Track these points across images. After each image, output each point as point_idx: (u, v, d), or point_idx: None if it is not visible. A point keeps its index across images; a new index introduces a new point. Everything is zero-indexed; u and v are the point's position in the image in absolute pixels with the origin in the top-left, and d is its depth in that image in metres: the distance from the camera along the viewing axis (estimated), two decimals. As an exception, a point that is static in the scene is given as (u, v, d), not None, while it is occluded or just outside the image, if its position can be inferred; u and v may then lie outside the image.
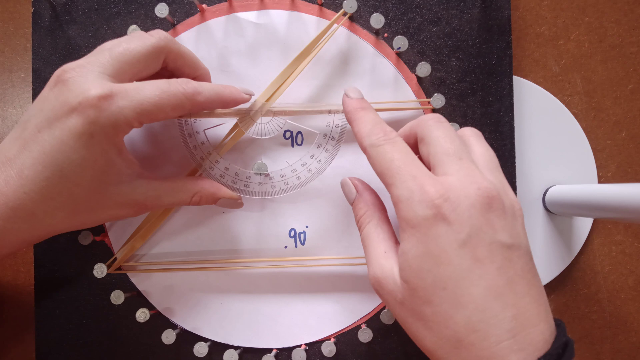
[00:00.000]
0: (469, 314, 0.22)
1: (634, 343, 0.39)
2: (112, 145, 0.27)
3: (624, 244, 0.39)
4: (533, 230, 0.38)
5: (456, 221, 0.23)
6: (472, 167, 0.25)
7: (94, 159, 0.26)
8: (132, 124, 0.27)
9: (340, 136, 0.33)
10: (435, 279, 0.23)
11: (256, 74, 0.36)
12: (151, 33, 0.29)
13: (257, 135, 0.34)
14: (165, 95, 0.27)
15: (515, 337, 0.22)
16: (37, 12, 0.37)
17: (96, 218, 0.29)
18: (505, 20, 0.36)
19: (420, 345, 0.25)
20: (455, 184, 0.24)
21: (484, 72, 0.36)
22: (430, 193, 0.23)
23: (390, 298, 0.25)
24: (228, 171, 0.34)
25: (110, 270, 0.35)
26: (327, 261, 0.35)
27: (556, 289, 0.39)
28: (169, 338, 0.34)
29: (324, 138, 0.34)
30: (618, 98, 0.39)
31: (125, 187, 0.29)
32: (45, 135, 0.26)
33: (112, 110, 0.26)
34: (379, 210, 0.28)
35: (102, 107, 0.25)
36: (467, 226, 0.23)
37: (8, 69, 0.40)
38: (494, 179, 0.26)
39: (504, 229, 0.23)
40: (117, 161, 0.28)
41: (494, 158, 0.27)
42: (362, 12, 0.36)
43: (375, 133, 0.27)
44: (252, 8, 0.36)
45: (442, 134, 0.26)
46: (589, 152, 0.39)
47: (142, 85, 0.27)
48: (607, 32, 0.39)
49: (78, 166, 0.26)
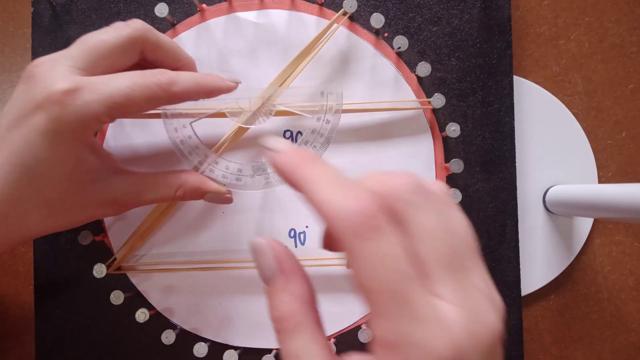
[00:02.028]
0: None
1: (634, 343, 0.39)
2: (80, 141, 0.26)
3: (624, 244, 0.39)
4: (533, 230, 0.38)
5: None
6: (467, 285, 0.17)
7: (61, 157, 0.25)
8: (101, 118, 0.25)
9: (330, 133, 0.33)
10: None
11: (256, 74, 0.36)
12: (127, 23, 0.28)
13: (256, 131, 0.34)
14: (137, 86, 0.25)
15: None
16: (37, 12, 0.37)
17: (74, 219, 0.28)
18: (506, 20, 0.36)
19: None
20: (462, 331, 0.16)
21: (484, 72, 0.36)
22: (436, 350, 0.15)
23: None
24: (218, 165, 0.33)
25: (110, 270, 0.35)
26: (327, 261, 0.35)
27: (556, 289, 0.39)
28: (168, 338, 0.34)
29: (312, 134, 0.33)
30: (618, 98, 0.39)
31: (101, 185, 0.27)
32: (14, 134, 0.25)
33: (78, 105, 0.24)
34: (313, 310, 0.18)
35: (67, 103, 0.24)
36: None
37: (8, 69, 0.40)
38: (484, 286, 0.17)
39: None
40: (89, 158, 0.27)
41: (473, 238, 0.18)
42: (362, 12, 0.36)
43: (354, 213, 0.16)
44: (252, 8, 0.36)
45: (429, 221, 0.17)
46: (589, 152, 0.39)
47: (112, 77, 0.26)
48: (607, 32, 0.39)
49: (46, 166, 0.25)
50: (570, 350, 0.39)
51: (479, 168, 0.36)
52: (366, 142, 0.36)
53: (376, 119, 0.36)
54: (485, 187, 0.36)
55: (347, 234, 0.16)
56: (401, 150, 0.36)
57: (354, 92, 0.36)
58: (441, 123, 0.36)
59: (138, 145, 0.36)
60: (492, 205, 0.36)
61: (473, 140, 0.36)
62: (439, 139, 0.36)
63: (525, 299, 0.38)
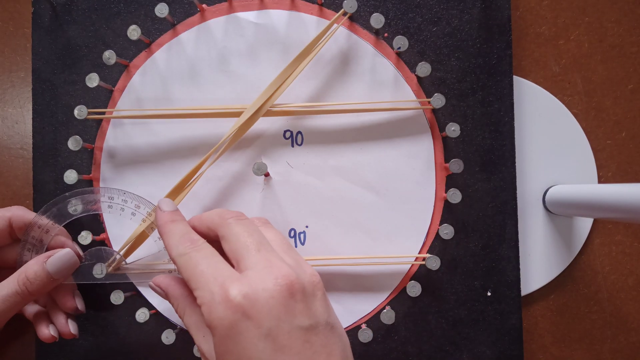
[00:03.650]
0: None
1: (634, 343, 0.39)
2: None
3: (624, 244, 0.39)
4: (533, 230, 0.38)
5: (256, 316, 0.24)
6: (270, 256, 0.26)
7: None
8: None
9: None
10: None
11: (256, 74, 0.36)
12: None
13: (257, 134, 0.34)
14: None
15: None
16: (37, 12, 0.37)
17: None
18: (505, 20, 0.36)
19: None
20: (255, 278, 0.25)
21: (484, 72, 0.36)
22: (230, 292, 0.24)
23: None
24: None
25: (111, 270, 0.35)
26: (327, 261, 0.35)
27: (556, 289, 0.39)
28: (169, 338, 0.34)
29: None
30: (618, 98, 0.39)
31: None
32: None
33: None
34: (188, 295, 0.28)
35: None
36: (267, 319, 0.24)
37: (8, 69, 0.40)
38: (290, 259, 0.27)
39: (302, 313, 0.24)
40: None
41: (285, 240, 0.29)
42: (362, 12, 0.36)
43: (182, 243, 0.27)
44: (252, 8, 0.36)
45: (241, 229, 0.27)
46: (589, 152, 0.39)
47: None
48: (607, 32, 0.39)
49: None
50: (570, 350, 0.39)
51: (479, 168, 0.36)
52: (366, 142, 0.36)
53: (376, 119, 0.36)
54: (484, 187, 0.36)
55: (176, 256, 0.28)
56: (401, 150, 0.36)
57: (354, 92, 0.36)
58: (441, 123, 0.36)
59: (138, 145, 0.36)
60: (491, 205, 0.36)
61: (473, 140, 0.36)
62: (439, 139, 0.36)
63: (525, 299, 0.38)
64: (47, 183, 0.37)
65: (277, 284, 0.24)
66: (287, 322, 0.24)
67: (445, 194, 0.35)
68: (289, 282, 0.25)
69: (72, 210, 0.34)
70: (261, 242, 0.27)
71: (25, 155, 0.40)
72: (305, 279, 0.26)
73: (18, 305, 0.31)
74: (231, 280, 0.25)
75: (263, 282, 0.24)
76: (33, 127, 0.37)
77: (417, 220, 0.36)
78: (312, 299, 0.25)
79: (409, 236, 0.36)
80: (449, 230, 0.35)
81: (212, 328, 0.24)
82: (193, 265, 0.26)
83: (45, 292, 0.33)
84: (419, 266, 0.36)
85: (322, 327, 0.25)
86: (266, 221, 0.31)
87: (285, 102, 0.35)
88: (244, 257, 0.26)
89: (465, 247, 0.36)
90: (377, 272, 0.36)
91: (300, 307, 0.24)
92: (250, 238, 0.27)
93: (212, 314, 0.24)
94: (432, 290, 0.36)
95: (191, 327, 0.27)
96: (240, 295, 0.24)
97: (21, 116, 0.40)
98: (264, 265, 0.25)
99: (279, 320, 0.24)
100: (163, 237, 0.29)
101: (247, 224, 0.28)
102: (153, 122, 0.36)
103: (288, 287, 0.24)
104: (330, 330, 0.25)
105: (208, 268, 0.26)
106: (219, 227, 0.28)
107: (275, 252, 0.27)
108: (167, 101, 0.36)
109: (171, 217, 0.30)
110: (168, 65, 0.36)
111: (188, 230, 0.29)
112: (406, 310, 0.36)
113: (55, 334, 0.34)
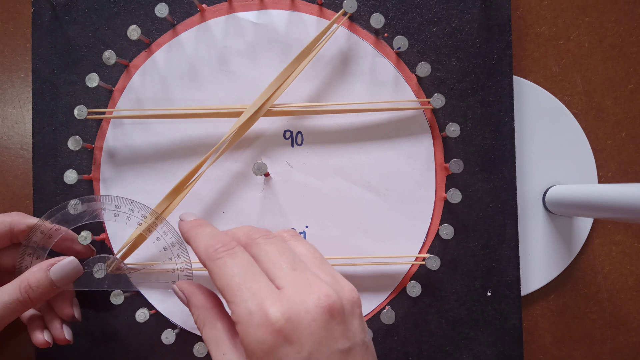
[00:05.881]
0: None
1: (634, 343, 0.39)
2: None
3: (624, 244, 0.39)
4: (533, 230, 0.38)
5: (298, 340, 0.22)
6: (307, 275, 0.25)
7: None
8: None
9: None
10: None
11: (256, 74, 0.36)
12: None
13: (257, 134, 0.34)
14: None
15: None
16: (37, 12, 0.37)
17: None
18: (505, 20, 0.36)
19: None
20: (295, 298, 0.23)
21: (484, 72, 0.36)
22: (271, 314, 0.22)
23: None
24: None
25: (111, 270, 0.35)
26: (327, 261, 0.35)
27: (556, 289, 0.39)
28: (169, 338, 0.34)
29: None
30: (618, 98, 0.39)
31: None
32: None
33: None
34: (212, 307, 0.27)
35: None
36: (308, 343, 0.22)
37: (8, 69, 0.40)
38: (326, 275, 0.25)
39: (342, 335, 0.23)
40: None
41: (317, 252, 0.27)
42: (362, 12, 0.36)
43: (212, 245, 0.26)
44: (252, 8, 0.36)
45: (272, 248, 0.26)
46: (589, 152, 0.39)
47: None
48: (607, 32, 0.39)
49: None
50: (570, 350, 0.39)
51: (479, 168, 0.36)
52: (366, 142, 0.36)
53: (376, 119, 0.36)
54: (484, 187, 0.36)
55: (206, 259, 0.26)
56: (401, 150, 0.36)
57: (354, 92, 0.36)
58: (441, 123, 0.36)
59: (138, 145, 0.36)
60: (491, 205, 0.36)
61: (473, 140, 0.36)
62: (439, 139, 0.36)
63: (525, 299, 0.38)
64: (47, 183, 0.37)
65: (319, 305, 0.23)
66: (327, 346, 0.23)
67: (445, 194, 0.35)
68: (331, 303, 0.23)
69: (72, 210, 0.34)
70: (295, 260, 0.26)
71: (25, 155, 0.40)
72: (345, 297, 0.24)
73: (18, 311, 0.31)
74: (271, 299, 0.23)
75: (304, 303, 0.23)
76: (33, 127, 0.37)
77: (417, 220, 0.36)
78: (351, 318, 0.24)
79: (409, 236, 0.36)
80: (449, 230, 0.35)
81: (249, 351, 0.23)
82: (229, 274, 0.24)
83: (47, 299, 0.32)
84: (419, 266, 0.36)
85: (359, 348, 0.24)
86: (295, 233, 0.29)
87: (285, 102, 0.35)
88: (278, 277, 0.24)
89: (465, 247, 0.36)
90: (377, 272, 0.36)
91: (340, 329, 0.23)
92: (282, 257, 0.25)
93: (249, 336, 0.23)
94: (432, 291, 0.36)
95: (210, 342, 0.26)
96: (282, 319, 0.22)
97: (21, 116, 0.40)
98: (303, 284, 0.24)
99: (320, 344, 0.23)
100: (191, 242, 0.28)
101: (278, 242, 0.26)
102: (153, 122, 0.36)
103: (329, 309, 0.23)
104: (366, 350, 0.24)
105: (246, 281, 0.24)
106: (247, 247, 0.27)
107: (311, 270, 0.25)
108: (167, 101, 0.36)
109: (197, 222, 0.29)
110: (168, 65, 0.36)
111: (218, 232, 0.28)
112: (406, 310, 0.36)
113: (49, 339, 0.33)
